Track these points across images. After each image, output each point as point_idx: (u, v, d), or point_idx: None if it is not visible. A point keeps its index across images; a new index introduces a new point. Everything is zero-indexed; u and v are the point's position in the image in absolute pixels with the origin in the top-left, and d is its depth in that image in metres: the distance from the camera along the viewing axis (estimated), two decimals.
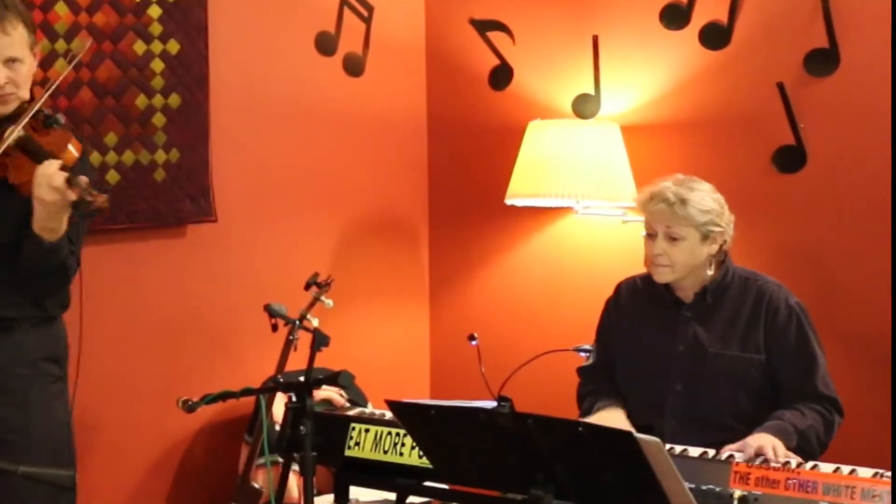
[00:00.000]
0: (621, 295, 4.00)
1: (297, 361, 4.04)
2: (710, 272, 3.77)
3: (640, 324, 3.89)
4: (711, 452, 3.38)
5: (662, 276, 3.76)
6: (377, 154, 5.32)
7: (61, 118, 3.38)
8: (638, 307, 3.93)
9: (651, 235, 3.74)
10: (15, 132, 3.24)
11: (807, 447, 3.52)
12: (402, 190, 5.46)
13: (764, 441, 3.41)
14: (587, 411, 3.81)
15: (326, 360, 3.99)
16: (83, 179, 3.18)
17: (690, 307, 3.79)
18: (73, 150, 3.31)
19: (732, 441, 3.50)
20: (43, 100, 3.35)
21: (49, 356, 3.41)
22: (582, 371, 4.09)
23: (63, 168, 3.18)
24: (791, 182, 4.62)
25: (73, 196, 3.15)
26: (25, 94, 3.36)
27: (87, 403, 4.13)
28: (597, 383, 3.95)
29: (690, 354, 3.76)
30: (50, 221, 3.22)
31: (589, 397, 3.90)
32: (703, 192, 3.73)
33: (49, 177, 3.15)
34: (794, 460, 3.31)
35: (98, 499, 4.28)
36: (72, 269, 3.41)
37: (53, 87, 3.41)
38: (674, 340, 3.79)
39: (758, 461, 3.29)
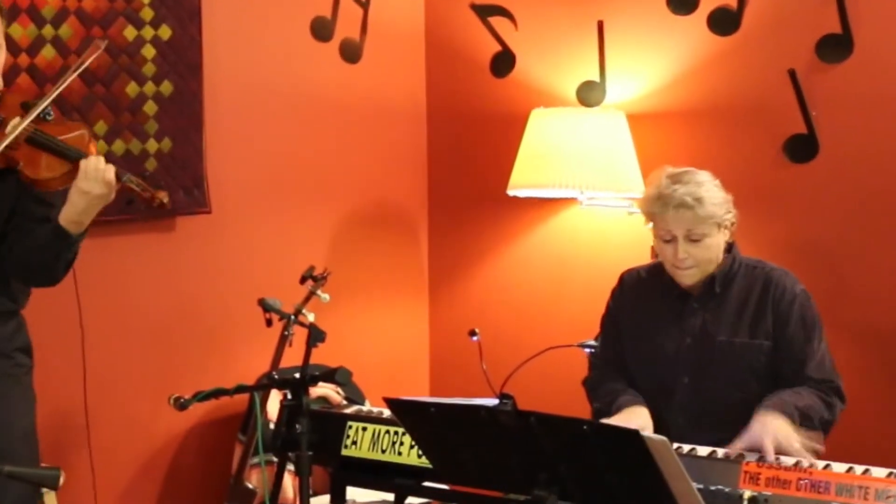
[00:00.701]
0: (625, 286, 3.99)
1: (293, 358, 4.02)
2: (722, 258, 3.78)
3: (646, 316, 3.88)
4: (721, 452, 3.37)
5: (690, 278, 3.76)
6: (375, 143, 5.31)
7: (51, 110, 3.40)
8: (643, 299, 3.92)
9: (668, 240, 3.72)
10: (22, 125, 3.26)
11: (809, 426, 3.51)
12: (400, 180, 5.44)
13: (780, 433, 3.38)
14: (608, 406, 3.77)
15: (322, 356, 3.98)
16: (130, 175, 3.33)
17: (698, 297, 3.79)
18: (93, 145, 3.38)
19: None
20: (53, 96, 3.36)
21: (22, 347, 3.44)
22: (591, 362, 4.08)
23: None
24: (802, 172, 4.61)
25: (115, 190, 3.27)
26: (0, 84, 3.38)
27: (75, 400, 4.12)
28: (605, 375, 3.93)
29: (698, 345, 3.76)
30: (85, 215, 3.30)
31: (604, 393, 3.86)
32: (709, 183, 3.72)
33: (101, 171, 3.25)
34: (806, 460, 3.29)
35: (86, 499, 4.27)
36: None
37: (64, 85, 3.41)
38: (681, 332, 3.79)
39: (771, 459, 3.27)
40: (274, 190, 4.95)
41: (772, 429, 3.39)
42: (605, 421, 3.64)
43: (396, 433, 3.63)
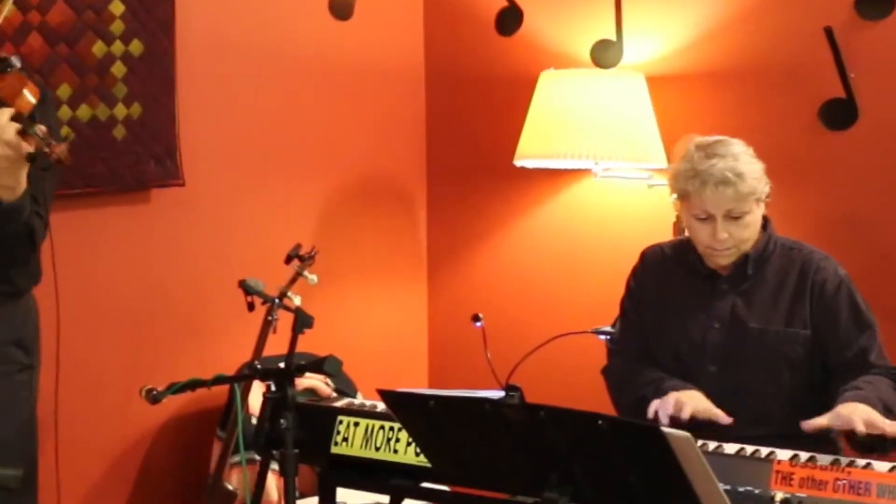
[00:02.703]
0: (647, 264, 3.99)
1: (277, 345, 4.02)
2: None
3: (670, 297, 3.88)
4: (750, 449, 3.36)
5: (726, 259, 3.76)
6: (368, 109, 5.30)
7: (16, 60, 3.36)
8: (666, 279, 3.92)
9: (703, 219, 3.71)
10: None
11: (890, 418, 3.52)
12: (396, 150, 5.44)
13: (868, 416, 3.41)
14: (655, 395, 3.74)
15: (310, 343, 3.98)
16: (41, 129, 3.18)
17: (728, 279, 3.79)
18: (28, 96, 3.31)
19: (772, 439, 3.47)
20: None
21: (15, 339, 3.41)
22: (610, 348, 4.08)
23: (17, 117, 3.17)
24: (840, 140, 4.61)
25: (29, 148, 3.15)
26: None
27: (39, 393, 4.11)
28: (634, 364, 3.91)
29: (728, 331, 3.76)
30: (4, 178, 3.22)
31: (645, 382, 3.84)
32: (745, 155, 3.71)
33: (0, 129, 3.14)
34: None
35: (50, 499, 4.26)
36: (38, 231, 3.42)
37: None
38: (709, 316, 3.79)
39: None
40: (255, 160, 4.94)
41: (861, 410, 3.41)
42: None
43: (392, 429, 3.63)
